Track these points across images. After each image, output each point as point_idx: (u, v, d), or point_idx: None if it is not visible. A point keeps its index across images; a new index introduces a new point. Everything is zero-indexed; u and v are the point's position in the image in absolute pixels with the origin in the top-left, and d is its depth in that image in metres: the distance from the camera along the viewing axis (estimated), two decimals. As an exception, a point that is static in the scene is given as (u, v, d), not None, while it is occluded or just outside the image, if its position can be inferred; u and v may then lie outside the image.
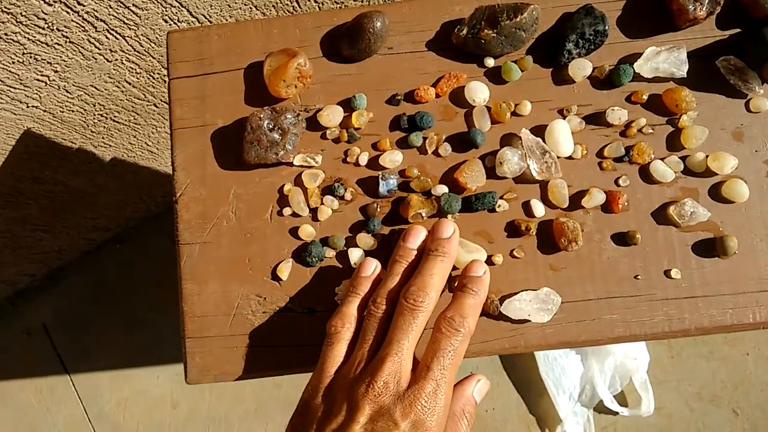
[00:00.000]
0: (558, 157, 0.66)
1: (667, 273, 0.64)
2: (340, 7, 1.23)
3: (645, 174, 0.66)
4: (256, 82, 0.70)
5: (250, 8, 1.08)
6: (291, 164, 0.68)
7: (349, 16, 0.71)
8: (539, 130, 0.67)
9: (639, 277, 0.64)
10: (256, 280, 0.67)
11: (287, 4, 1.12)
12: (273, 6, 1.11)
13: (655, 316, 0.64)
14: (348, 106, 0.69)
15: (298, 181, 0.68)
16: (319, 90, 0.70)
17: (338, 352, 0.58)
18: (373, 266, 0.63)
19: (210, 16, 1.04)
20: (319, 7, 1.19)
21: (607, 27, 0.66)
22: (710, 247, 0.65)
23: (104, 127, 1.20)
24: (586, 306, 0.64)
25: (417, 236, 0.62)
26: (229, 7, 1.04)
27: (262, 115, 0.67)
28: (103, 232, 1.71)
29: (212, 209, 0.69)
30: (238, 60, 0.71)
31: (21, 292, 1.83)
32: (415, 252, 0.61)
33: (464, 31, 0.67)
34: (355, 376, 0.54)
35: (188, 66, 0.72)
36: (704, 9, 0.65)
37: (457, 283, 0.60)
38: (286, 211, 0.68)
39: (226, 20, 1.07)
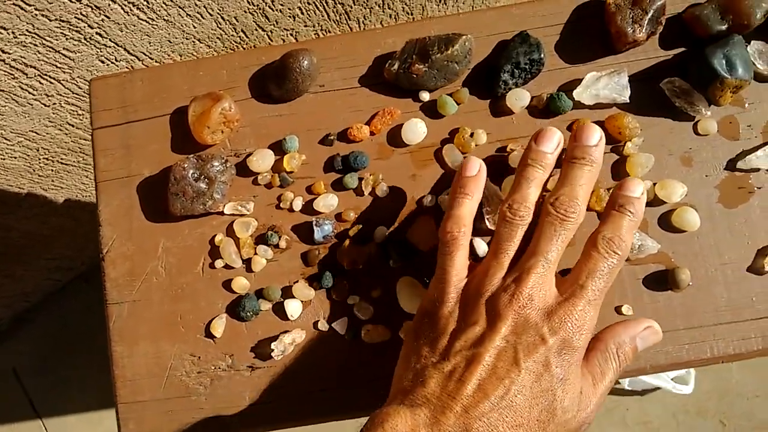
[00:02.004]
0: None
1: (618, 309, 0.61)
2: (288, 36, 1.20)
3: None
4: (182, 128, 0.67)
5: (193, 42, 1.05)
6: (222, 213, 0.65)
7: (277, 54, 0.67)
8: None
9: (590, 315, 0.61)
10: (189, 339, 0.63)
11: (233, 35, 1.09)
12: (218, 38, 1.08)
13: (609, 357, 0.60)
14: (279, 148, 0.66)
15: (229, 231, 0.65)
16: (248, 133, 0.67)
17: (460, 261, 0.53)
18: (477, 165, 0.56)
19: (150, 53, 1.00)
20: (268, 35, 1.16)
21: (542, 55, 0.63)
22: (662, 280, 0.62)
23: (52, 170, 1.16)
24: (536, 349, 0.61)
25: (552, 139, 0.55)
26: (170, 42, 1.01)
27: (186, 165, 0.63)
28: (67, 271, 1.66)
29: (141, 265, 0.65)
30: (163, 105, 0.68)
31: (-12, 337, 1.78)
32: (550, 156, 0.55)
33: (395, 66, 0.64)
34: (495, 286, 0.50)
35: (111, 114, 0.68)
36: (644, 31, 0.63)
37: (610, 201, 0.54)
38: (218, 263, 0.64)
39: (169, 56, 1.04)
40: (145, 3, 0.89)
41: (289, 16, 1.15)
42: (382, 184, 0.65)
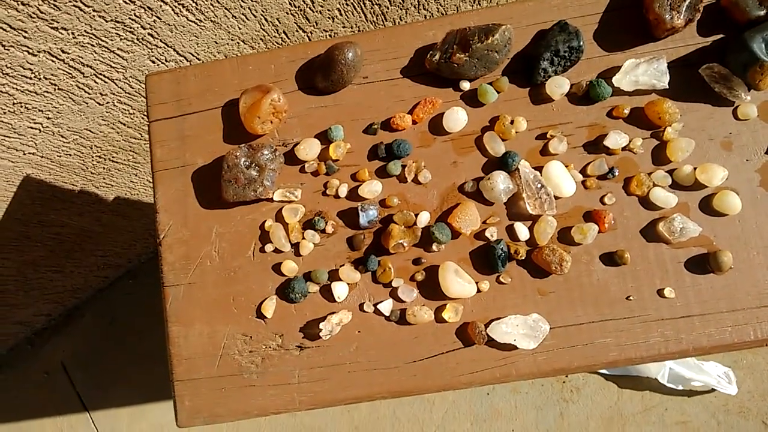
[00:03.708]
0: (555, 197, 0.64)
1: (660, 292, 0.62)
2: (327, 37, 1.23)
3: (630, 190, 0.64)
4: (233, 119, 0.70)
5: (238, 43, 1.09)
6: (271, 200, 0.68)
7: (322, 48, 0.70)
8: (524, 154, 0.66)
9: (631, 297, 0.62)
10: (241, 319, 0.66)
11: (275, 36, 1.13)
12: (261, 39, 1.12)
13: (651, 338, 0.61)
14: (325, 138, 0.68)
15: (278, 217, 0.68)
16: (296, 124, 0.70)
17: None
18: None
19: (197, 54, 1.05)
20: (308, 37, 1.20)
21: (582, 42, 0.65)
22: (704, 263, 0.62)
23: (104, 168, 1.21)
24: (578, 330, 0.62)
25: None
26: (216, 43, 1.05)
27: (238, 153, 0.67)
28: (115, 269, 1.72)
29: (195, 250, 0.68)
30: (216, 99, 0.72)
31: (38, 332, 1.85)
32: None
33: (437, 57, 0.67)
34: None
35: (167, 107, 0.72)
36: (682, 17, 0.64)
37: None
38: (268, 247, 0.67)
39: (215, 56, 1.08)
40: (193, 4, 0.94)
41: (329, 18, 1.18)
42: (424, 170, 0.67)
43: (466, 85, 0.68)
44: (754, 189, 0.63)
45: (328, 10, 1.16)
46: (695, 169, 0.63)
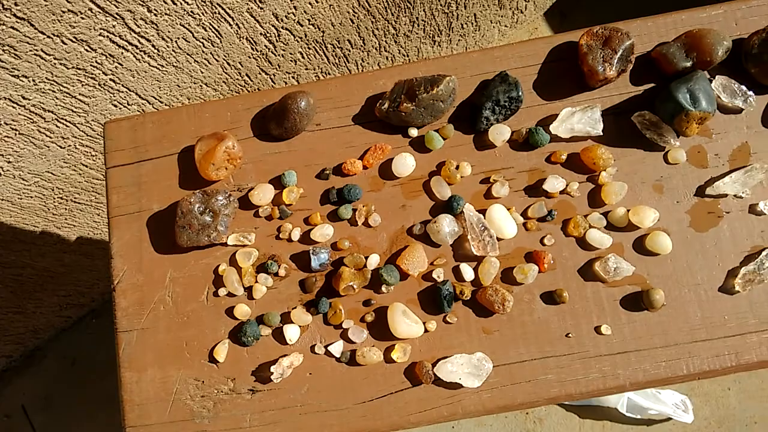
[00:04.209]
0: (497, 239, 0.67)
1: (597, 329, 0.65)
2: (290, 79, 1.26)
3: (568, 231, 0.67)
4: (189, 165, 0.72)
5: (201, 86, 1.11)
6: (225, 244, 0.69)
7: (276, 96, 0.73)
8: (469, 197, 0.69)
9: (570, 335, 0.65)
10: (194, 364, 0.67)
11: (237, 79, 1.16)
12: (224, 82, 1.14)
13: (590, 374, 0.64)
14: (279, 183, 0.71)
15: (232, 261, 0.69)
16: (251, 169, 0.72)
17: None
18: None
19: (160, 97, 1.07)
20: (271, 79, 1.23)
21: (520, 93, 0.68)
22: (638, 301, 0.65)
23: (66, 209, 1.21)
24: (521, 368, 0.64)
25: None
26: (179, 87, 1.07)
27: (192, 199, 0.68)
28: (78, 308, 1.70)
29: (149, 295, 0.69)
30: (172, 145, 0.73)
31: (-1, 374, 1.81)
32: None
33: (386, 105, 0.70)
34: None
35: (124, 154, 0.73)
36: (614, 69, 0.68)
37: None
38: (222, 291, 0.68)
39: (177, 99, 1.10)
40: (155, 50, 0.96)
41: (291, 61, 1.22)
42: (374, 214, 0.69)
43: (414, 132, 0.71)
44: (685, 229, 0.67)
45: (290, 53, 1.19)
46: (628, 211, 0.67)
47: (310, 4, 1.08)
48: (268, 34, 1.09)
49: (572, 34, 0.72)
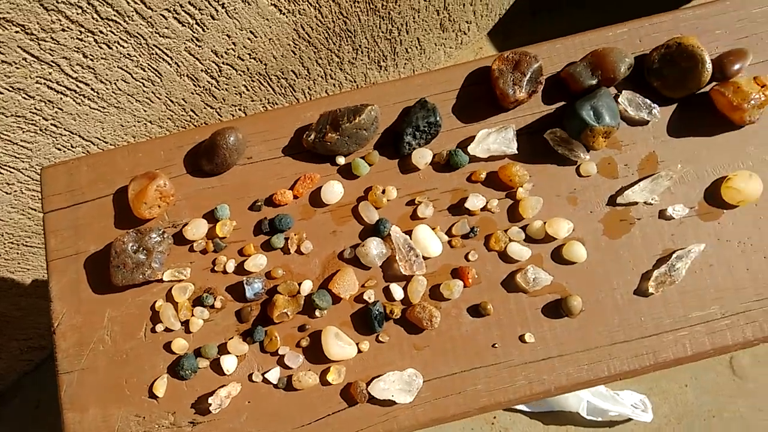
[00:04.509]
0: (424, 258, 0.70)
1: (521, 338, 0.68)
2: (237, 111, 1.29)
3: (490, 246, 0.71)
4: (124, 206, 0.74)
5: (145, 124, 1.13)
6: (161, 281, 0.71)
7: (208, 133, 0.75)
8: (395, 220, 0.72)
9: (496, 345, 0.68)
10: (134, 400, 0.68)
11: (183, 115, 1.18)
12: (168, 119, 1.16)
13: (516, 381, 0.66)
14: (212, 217, 0.73)
15: (169, 296, 0.71)
16: (184, 205, 0.74)
17: None
18: None
19: (104, 138, 1.08)
20: (217, 112, 1.26)
21: (438, 118, 0.72)
22: (558, 308, 0.68)
23: (18, 254, 1.22)
24: (452, 380, 0.67)
25: None
26: (122, 126, 1.09)
27: (125, 239, 0.70)
28: (40, 351, 1.69)
29: (88, 335, 0.71)
30: (107, 187, 0.75)
31: (-37, 423, 1.77)
32: None
33: (312, 136, 0.73)
34: None
35: (61, 198, 0.75)
36: (524, 91, 0.72)
37: None
38: (159, 327, 0.70)
39: (122, 138, 1.12)
40: (95, 93, 0.98)
41: (236, 94, 1.25)
42: (306, 241, 0.72)
43: (341, 160, 0.74)
44: (599, 237, 0.70)
45: (234, 87, 1.22)
46: (545, 223, 0.70)
47: (249, 39, 1.11)
48: (209, 70, 1.12)
49: (487, 59, 0.76)
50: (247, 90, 1.26)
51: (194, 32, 1.00)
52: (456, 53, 1.86)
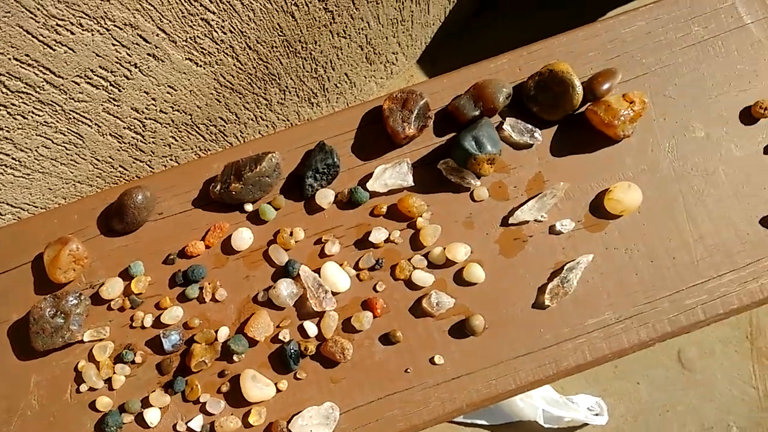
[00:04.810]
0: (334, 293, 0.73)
1: (432, 360, 0.71)
2: (168, 161, 1.32)
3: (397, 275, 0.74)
4: (42, 272, 0.76)
5: (74, 185, 1.15)
6: (82, 341, 0.73)
7: (119, 194, 0.78)
8: (305, 259, 0.75)
9: (409, 370, 0.71)
10: (62, 462, 0.70)
11: (112, 171, 1.20)
12: (98, 177, 1.18)
13: (430, 403, 0.70)
14: (128, 274, 0.75)
15: (91, 356, 0.73)
16: (100, 266, 0.76)
17: None
18: None
19: (33, 203, 1.10)
20: (148, 165, 1.28)
21: (335, 159, 0.76)
22: (464, 329, 0.72)
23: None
24: (368, 409, 0.70)
25: None
26: (50, 189, 1.11)
27: (42, 305, 0.72)
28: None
29: (16, 402, 0.72)
30: (26, 255, 0.77)
31: None
32: None
33: (218, 187, 0.76)
34: None
35: (-21, 270, 0.77)
36: (413, 127, 0.76)
37: None
38: (83, 387, 0.72)
39: (53, 201, 1.14)
40: (16, 162, 1.00)
41: (165, 145, 1.28)
42: (220, 289, 0.74)
43: (249, 207, 0.77)
44: (496, 257, 0.75)
45: (162, 139, 1.25)
46: (444, 249, 0.74)
47: (168, 93, 1.15)
48: (132, 127, 1.15)
49: (380, 99, 0.80)
50: (176, 140, 1.29)
51: (110, 93, 1.03)
52: (388, 83, 1.92)
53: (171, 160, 1.33)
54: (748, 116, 0.78)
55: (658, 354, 1.67)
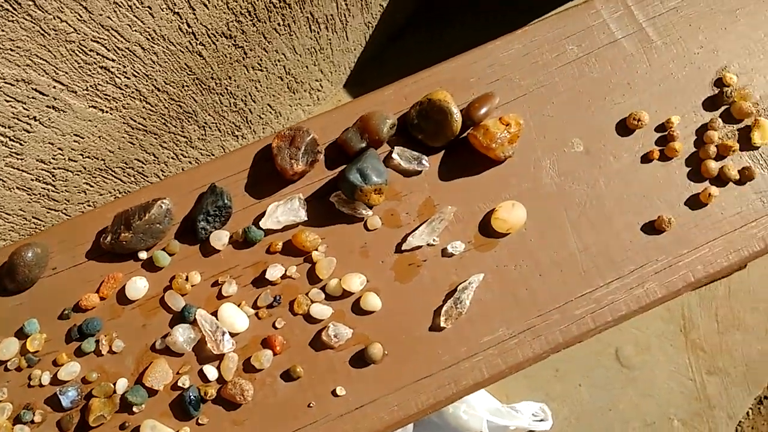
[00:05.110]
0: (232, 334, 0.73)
1: (334, 393, 0.72)
2: (86, 206, 1.30)
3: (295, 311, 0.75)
4: (-69, 339, 0.74)
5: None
6: (-24, 408, 0.71)
7: (10, 252, 0.77)
8: (202, 303, 0.75)
9: (312, 404, 0.71)
10: None
11: (26, 223, 1.18)
12: (11, 230, 1.16)
13: (333, 436, 0.70)
14: (23, 333, 0.74)
15: (-14, 422, 0.71)
16: (-6, 328, 0.75)
17: None
18: None
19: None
20: (64, 213, 1.26)
21: (226, 200, 0.76)
22: (364, 358, 0.73)
23: None
24: (272, 448, 0.70)
25: None
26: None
27: (-71, 374, 0.70)
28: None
29: None
30: None
31: None
32: None
33: (108, 238, 0.76)
34: None
35: None
36: (301, 164, 0.78)
37: None
38: (-22, 455, 0.70)
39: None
40: None
41: (79, 192, 1.26)
42: (117, 340, 0.74)
43: (143, 255, 0.77)
44: (392, 284, 0.76)
45: (75, 186, 1.23)
46: (340, 280, 0.75)
47: (75, 141, 1.14)
48: (40, 178, 1.13)
49: (270, 138, 0.81)
50: (91, 186, 1.28)
51: (11, 148, 1.02)
52: (316, 109, 1.94)
53: (89, 205, 1.31)
54: (624, 128, 0.82)
55: (596, 354, 1.71)
